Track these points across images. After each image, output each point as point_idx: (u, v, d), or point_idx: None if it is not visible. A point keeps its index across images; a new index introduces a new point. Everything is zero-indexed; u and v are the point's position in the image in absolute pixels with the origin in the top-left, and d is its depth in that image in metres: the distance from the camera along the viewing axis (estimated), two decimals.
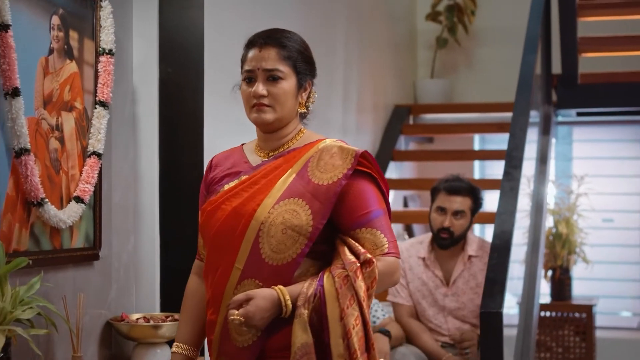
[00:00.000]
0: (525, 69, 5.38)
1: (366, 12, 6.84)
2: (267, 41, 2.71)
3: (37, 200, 3.08)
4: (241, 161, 2.77)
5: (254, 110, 2.68)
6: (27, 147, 3.00)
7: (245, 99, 2.71)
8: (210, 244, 2.67)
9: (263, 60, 2.68)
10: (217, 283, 2.62)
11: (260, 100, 2.66)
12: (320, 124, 5.66)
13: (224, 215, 2.64)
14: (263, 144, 2.76)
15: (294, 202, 2.60)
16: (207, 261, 2.68)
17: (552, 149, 6.70)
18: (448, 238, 4.62)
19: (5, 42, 2.90)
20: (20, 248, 3.06)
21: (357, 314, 2.51)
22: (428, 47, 8.36)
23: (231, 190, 2.68)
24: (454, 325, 4.62)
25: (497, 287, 4.01)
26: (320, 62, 2.91)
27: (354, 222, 2.61)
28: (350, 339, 2.48)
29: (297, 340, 2.49)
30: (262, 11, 4.68)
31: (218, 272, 2.62)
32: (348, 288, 2.51)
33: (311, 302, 2.51)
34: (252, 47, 2.72)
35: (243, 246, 2.59)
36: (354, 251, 2.57)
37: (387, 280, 2.62)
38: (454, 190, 4.64)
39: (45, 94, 3.20)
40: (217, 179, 2.77)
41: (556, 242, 6.98)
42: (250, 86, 2.69)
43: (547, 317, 6.90)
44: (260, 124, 2.70)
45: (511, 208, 4.48)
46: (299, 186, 2.62)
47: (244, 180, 2.68)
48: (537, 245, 5.51)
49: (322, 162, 2.66)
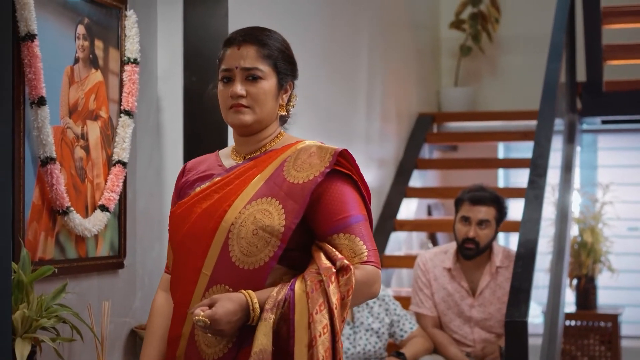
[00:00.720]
0: (549, 76, 5.35)
1: (390, 20, 6.84)
2: (246, 39, 2.54)
3: (63, 209, 3.09)
4: (215, 165, 2.60)
5: (231, 111, 2.51)
6: (52, 156, 3.01)
7: (222, 99, 2.53)
8: (177, 248, 2.50)
9: (242, 59, 2.51)
10: (184, 291, 2.45)
11: (239, 101, 2.49)
12: (343, 132, 5.67)
13: (193, 218, 2.48)
14: (240, 148, 2.59)
15: (267, 201, 2.43)
16: (173, 269, 2.53)
17: (576, 157, 6.67)
18: (473, 248, 4.58)
19: (31, 51, 2.92)
20: (45, 256, 3.08)
21: (325, 321, 2.30)
22: (452, 55, 8.35)
23: (202, 192, 2.52)
24: (480, 336, 4.60)
25: (522, 295, 3.99)
26: (343, 69, 2.91)
27: (331, 226, 2.42)
28: (315, 347, 2.27)
29: (256, 344, 2.28)
30: (287, 20, 4.68)
31: (185, 279, 2.45)
32: (320, 293, 2.31)
33: (280, 308, 2.32)
34: (231, 45, 2.55)
35: (212, 250, 2.42)
36: (330, 257, 2.38)
37: (366, 290, 2.40)
38: (478, 200, 4.61)
39: (70, 103, 3.22)
40: (189, 182, 2.61)
41: (581, 251, 6.95)
42: (227, 86, 2.52)
43: (572, 326, 6.86)
44: (238, 126, 2.52)
45: (536, 216, 4.45)
46: (273, 186, 2.44)
47: (215, 182, 2.52)
48: (562, 254, 5.48)
49: (299, 161, 2.48)
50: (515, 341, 3.87)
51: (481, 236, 4.58)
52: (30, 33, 2.92)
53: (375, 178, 6.34)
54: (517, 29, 8.31)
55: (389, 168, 6.69)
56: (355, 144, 5.91)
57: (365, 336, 4.38)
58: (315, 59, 5.15)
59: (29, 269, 2.80)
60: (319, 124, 5.13)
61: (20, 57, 2.93)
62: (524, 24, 8.29)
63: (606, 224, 7.06)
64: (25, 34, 2.91)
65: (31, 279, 2.79)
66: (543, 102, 5.19)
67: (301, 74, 2.81)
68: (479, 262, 4.64)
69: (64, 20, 3.19)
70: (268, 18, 4.46)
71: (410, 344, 4.46)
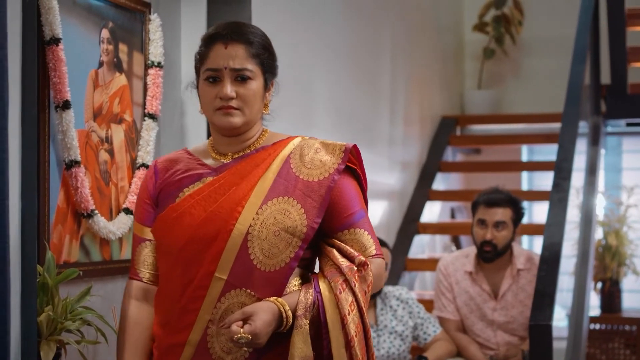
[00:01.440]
0: (574, 79, 5.33)
1: (413, 23, 6.83)
2: (233, 37, 2.41)
3: (87, 212, 3.11)
4: (195, 164, 2.49)
5: (219, 113, 2.41)
6: (77, 159, 3.03)
7: (207, 100, 2.43)
8: (176, 255, 2.40)
9: (230, 59, 2.40)
10: (191, 297, 2.36)
11: (228, 103, 2.40)
12: (367, 135, 5.67)
13: (196, 221, 2.38)
14: (224, 147, 2.49)
15: (284, 201, 2.38)
16: (169, 275, 2.42)
17: (601, 159, 6.64)
18: (491, 251, 4.58)
19: (56, 55, 2.94)
20: (70, 259, 3.09)
21: (358, 320, 2.31)
22: (475, 57, 8.33)
23: (198, 193, 2.41)
24: (503, 339, 4.58)
25: (546, 299, 3.98)
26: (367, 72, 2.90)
27: (342, 223, 2.42)
28: (353, 348, 2.29)
29: (297, 353, 2.28)
30: (310, 23, 4.69)
31: (191, 285, 2.36)
32: (348, 293, 2.31)
33: (311, 311, 2.30)
34: (215, 43, 2.43)
35: (226, 253, 2.34)
36: (346, 254, 2.38)
37: (379, 283, 2.43)
38: (493, 202, 4.61)
39: (95, 107, 3.23)
40: (171, 182, 2.47)
41: (606, 254, 6.91)
42: (214, 86, 2.41)
43: (597, 330, 6.83)
44: (227, 129, 2.44)
45: (560, 220, 4.44)
46: (285, 184, 2.40)
47: (211, 182, 2.42)
48: (587, 257, 5.46)
49: (307, 158, 2.43)
50: (539, 345, 3.86)
51: (498, 238, 4.58)
52: (55, 37, 2.93)
53: (399, 181, 6.33)
54: (541, 32, 8.28)
55: (412, 171, 6.68)
56: (379, 147, 5.91)
57: (389, 339, 4.38)
58: (339, 61, 5.15)
59: (54, 271, 2.81)
60: (343, 127, 5.13)
61: (45, 61, 2.94)
62: (548, 26, 8.26)
63: (631, 227, 7.03)
64: (50, 38, 2.93)
65: (56, 282, 2.80)
66: (567, 105, 5.17)
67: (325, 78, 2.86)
68: (500, 265, 4.64)
69: (88, 24, 3.21)
70: (291, 21, 4.47)
71: (433, 348, 4.44)
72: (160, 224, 2.44)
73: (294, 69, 4.48)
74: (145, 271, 2.50)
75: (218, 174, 2.44)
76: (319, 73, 4.80)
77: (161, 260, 2.46)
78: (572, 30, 5.89)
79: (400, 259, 5.97)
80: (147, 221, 2.51)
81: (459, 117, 7.82)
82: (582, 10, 5.97)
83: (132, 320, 2.47)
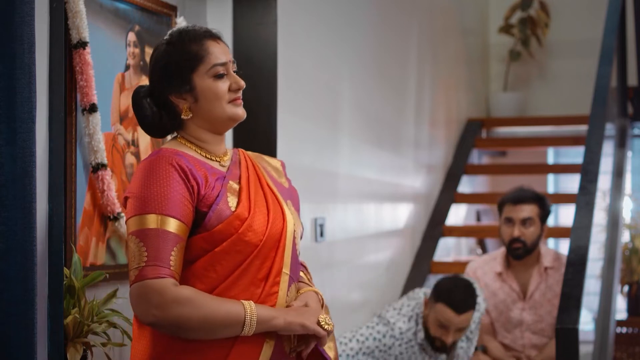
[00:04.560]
0: (600, 81, 5.31)
1: (439, 26, 6.82)
2: (216, 35, 2.52)
3: (114, 215, 3.12)
4: (208, 166, 2.49)
5: (231, 105, 2.49)
6: (104, 162, 3.04)
7: (219, 94, 2.47)
8: (250, 253, 2.42)
9: (228, 53, 2.51)
10: (266, 294, 2.43)
11: (239, 94, 2.51)
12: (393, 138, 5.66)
13: (267, 221, 2.47)
14: (214, 148, 2.54)
15: (289, 204, 2.59)
16: (236, 276, 2.41)
17: (628, 162, 6.61)
18: (521, 247, 4.60)
19: (83, 59, 2.95)
20: (97, 262, 3.10)
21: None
22: (501, 60, 8.30)
23: (248, 194, 2.48)
24: (530, 340, 4.58)
25: (573, 302, 3.96)
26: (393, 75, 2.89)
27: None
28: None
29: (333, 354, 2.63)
30: (336, 27, 4.69)
31: (267, 282, 2.44)
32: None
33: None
34: (206, 40, 2.49)
35: (287, 250, 2.49)
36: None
37: None
38: (519, 199, 4.64)
39: (121, 110, 3.25)
40: (208, 183, 2.45)
41: (632, 257, 6.87)
42: (221, 80, 2.47)
43: (624, 334, 6.79)
44: (237, 121, 2.52)
45: (587, 223, 4.41)
46: (280, 189, 2.61)
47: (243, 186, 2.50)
48: (613, 260, 5.43)
49: (265, 164, 2.66)
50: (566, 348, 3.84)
51: (527, 234, 4.60)
52: (82, 41, 2.95)
53: (424, 184, 6.32)
54: (567, 34, 8.24)
55: (438, 174, 6.67)
56: (404, 149, 5.90)
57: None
58: (365, 65, 5.14)
59: (80, 274, 2.83)
60: (369, 130, 5.13)
61: (72, 65, 2.96)
62: (574, 28, 8.22)
63: None
64: (77, 41, 2.94)
65: (83, 284, 2.81)
66: (594, 107, 5.15)
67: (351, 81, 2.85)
68: (528, 263, 4.65)
69: (115, 27, 3.23)
70: (317, 25, 4.47)
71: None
72: (236, 222, 2.41)
73: (320, 71, 4.48)
74: (177, 275, 2.35)
75: (236, 178, 2.52)
76: (345, 76, 4.80)
77: (224, 259, 2.41)
78: (598, 32, 5.87)
79: (426, 262, 5.96)
80: (188, 219, 2.39)
81: (484, 119, 7.80)
82: (608, 12, 5.94)
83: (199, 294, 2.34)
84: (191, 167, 2.42)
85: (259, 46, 3.92)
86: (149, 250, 2.32)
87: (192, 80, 2.47)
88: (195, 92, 2.47)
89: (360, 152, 4.92)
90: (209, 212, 2.41)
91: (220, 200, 2.43)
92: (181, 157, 2.42)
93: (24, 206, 2.42)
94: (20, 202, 2.40)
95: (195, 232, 2.41)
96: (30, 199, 2.44)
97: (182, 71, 2.47)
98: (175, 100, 2.49)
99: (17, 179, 2.40)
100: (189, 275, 2.40)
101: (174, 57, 2.47)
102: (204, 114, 2.49)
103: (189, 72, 2.47)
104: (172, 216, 2.35)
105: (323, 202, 4.41)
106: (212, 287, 2.39)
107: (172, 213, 2.35)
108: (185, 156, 2.44)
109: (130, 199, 2.39)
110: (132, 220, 2.36)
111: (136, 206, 2.36)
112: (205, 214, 2.41)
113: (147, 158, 2.45)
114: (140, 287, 2.31)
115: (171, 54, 2.48)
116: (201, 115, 2.50)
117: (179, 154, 2.43)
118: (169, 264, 2.32)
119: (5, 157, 2.38)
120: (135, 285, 2.32)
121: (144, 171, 2.40)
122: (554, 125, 7.77)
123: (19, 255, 2.40)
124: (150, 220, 2.33)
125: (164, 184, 2.37)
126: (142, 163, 2.44)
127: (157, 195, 2.36)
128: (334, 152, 4.56)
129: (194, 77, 2.47)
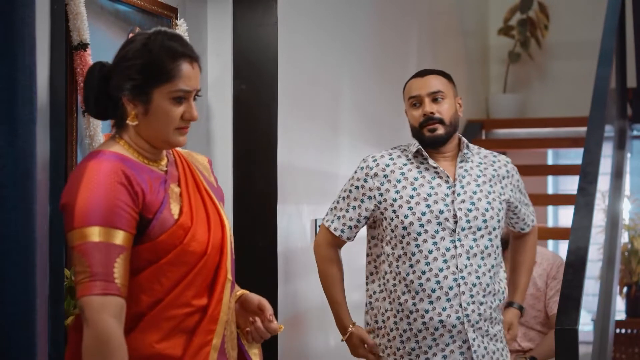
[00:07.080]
0: (599, 83, 5.31)
1: (439, 27, 6.83)
2: (195, 57, 2.44)
3: None
4: (147, 168, 2.44)
5: (176, 132, 2.43)
6: None
7: (171, 119, 2.41)
8: (195, 263, 2.41)
9: (198, 80, 2.44)
10: (216, 300, 2.44)
11: (189, 124, 2.46)
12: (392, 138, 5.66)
13: (208, 229, 2.46)
14: (153, 155, 2.47)
15: (221, 205, 2.60)
16: (181, 287, 2.39)
17: (627, 163, 6.62)
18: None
19: (83, 60, 2.95)
20: None
21: None
22: (500, 61, 8.31)
23: (188, 199, 2.46)
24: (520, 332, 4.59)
25: (572, 303, 3.96)
26: (393, 76, 2.90)
27: None
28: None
29: None
30: (336, 29, 4.69)
31: (213, 289, 2.44)
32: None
33: None
34: (183, 60, 2.41)
35: (227, 255, 2.48)
36: None
37: None
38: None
39: None
40: (152, 189, 2.40)
41: (632, 258, 6.89)
42: (178, 106, 2.41)
43: (623, 334, 6.80)
44: (175, 147, 2.51)
45: (586, 224, 4.42)
46: (213, 189, 2.61)
47: (184, 189, 2.49)
48: (613, 262, 5.44)
49: (198, 164, 2.65)
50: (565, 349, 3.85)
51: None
52: (82, 42, 2.95)
53: None
54: (566, 35, 8.26)
55: None
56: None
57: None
58: (365, 66, 5.15)
59: None
60: (368, 130, 5.13)
61: (73, 66, 2.96)
62: (573, 30, 8.24)
63: None
64: (77, 43, 2.94)
65: None
66: (593, 109, 5.15)
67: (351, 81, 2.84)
68: None
69: (115, 29, 3.23)
70: (317, 27, 4.48)
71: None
72: (179, 232, 2.40)
73: (320, 73, 4.48)
74: (124, 287, 2.29)
75: (175, 180, 2.49)
76: (345, 76, 4.80)
77: (170, 270, 2.39)
78: (597, 34, 5.87)
79: None
80: (133, 228, 2.34)
81: (484, 121, 7.81)
82: (608, 13, 5.95)
83: (119, 343, 2.26)
84: (135, 173, 2.36)
85: (259, 47, 3.92)
86: (92, 266, 2.25)
87: (151, 94, 2.39)
88: (149, 106, 2.40)
89: (360, 153, 4.92)
90: (152, 220, 2.37)
91: (164, 208, 2.39)
92: (124, 161, 2.36)
93: (25, 207, 2.42)
94: (20, 203, 2.40)
95: (139, 241, 2.36)
96: (30, 200, 2.43)
97: (146, 81, 2.39)
98: (127, 102, 2.42)
99: (18, 180, 2.40)
100: (134, 286, 2.35)
101: (143, 63, 2.39)
102: (148, 129, 2.43)
103: (152, 86, 2.39)
104: (117, 227, 2.28)
105: (323, 202, 4.41)
106: (157, 299, 2.37)
107: (117, 225, 2.28)
108: (128, 160, 2.38)
109: (69, 207, 2.30)
110: (73, 234, 2.28)
111: (78, 217, 2.27)
112: (150, 222, 2.36)
113: (86, 160, 2.37)
114: (84, 302, 2.26)
115: (142, 58, 2.39)
116: (145, 128, 2.43)
117: (123, 158, 2.38)
118: (113, 278, 2.25)
119: (6, 158, 2.38)
120: (81, 300, 2.27)
121: (84, 176, 2.31)
122: (553, 127, 7.78)
123: (20, 256, 2.40)
124: (93, 233, 2.26)
125: (107, 192, 2.29)
126: (82, 165, 2.35)
127: (99, 205, 2.27)
128: (334, 153, 4.56)
129: (154, 91, 2.39)
